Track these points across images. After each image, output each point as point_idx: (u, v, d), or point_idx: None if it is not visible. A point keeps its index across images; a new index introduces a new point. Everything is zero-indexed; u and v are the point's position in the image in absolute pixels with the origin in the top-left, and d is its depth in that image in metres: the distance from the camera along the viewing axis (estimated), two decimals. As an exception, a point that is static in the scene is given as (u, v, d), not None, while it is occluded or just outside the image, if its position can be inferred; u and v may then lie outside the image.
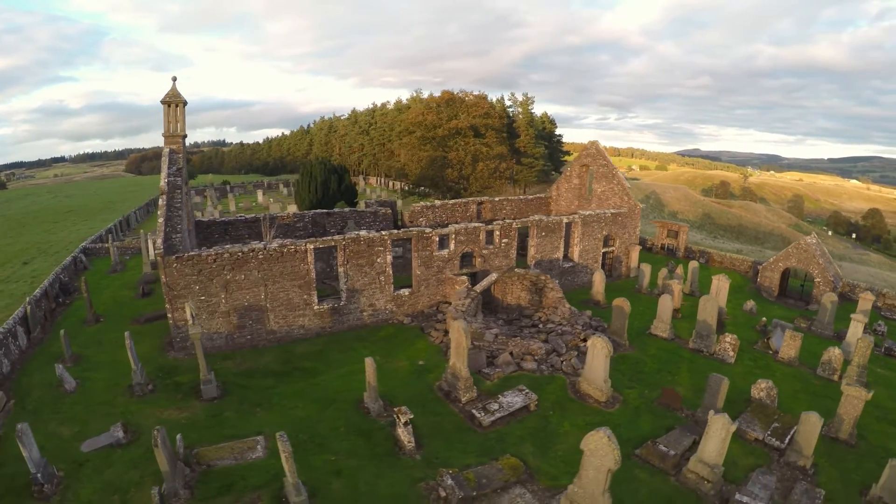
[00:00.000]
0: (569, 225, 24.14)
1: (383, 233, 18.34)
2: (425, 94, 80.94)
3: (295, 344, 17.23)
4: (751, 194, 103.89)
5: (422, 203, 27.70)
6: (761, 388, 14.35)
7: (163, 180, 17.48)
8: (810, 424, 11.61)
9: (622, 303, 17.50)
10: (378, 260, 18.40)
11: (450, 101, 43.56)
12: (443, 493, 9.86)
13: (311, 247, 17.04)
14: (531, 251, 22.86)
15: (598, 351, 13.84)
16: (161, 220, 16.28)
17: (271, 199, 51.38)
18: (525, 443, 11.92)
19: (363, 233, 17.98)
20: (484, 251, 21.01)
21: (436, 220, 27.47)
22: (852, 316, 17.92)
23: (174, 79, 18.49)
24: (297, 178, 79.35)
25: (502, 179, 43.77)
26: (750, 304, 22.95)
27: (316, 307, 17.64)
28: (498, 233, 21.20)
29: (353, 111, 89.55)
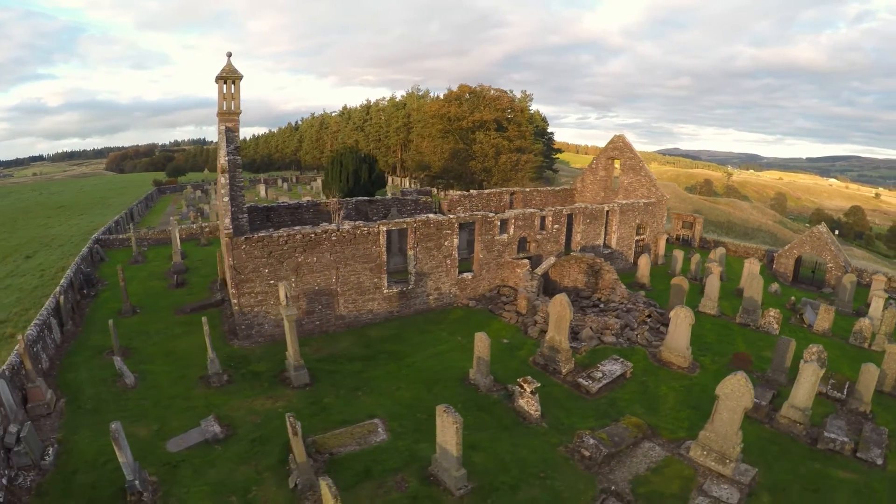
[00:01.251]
0: (608, 213, 25.05)
1: (451, 216, 18.71)
2: (422, 91, 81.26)
3: (366, 328, 17.21)
4: (734, 192, 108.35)
5: (459, 192, 28.14)
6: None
7: (222, 158, 17.08)
8: (869, 374, 13.09)
9: (681, 282, 18.48)
10: (445, 243, 18.72)
11: (471, 94, 44.07)
12: (586, 453, 10.35)
13: (384, 228, 17.20)
14: (577, 237, 23.61)
15: (682, 320, 14.66)
16: (226, 199, 15.94)
17: (275, 193, 50.71)
18: (634, 405, 12.61)
19: (432, 216, 18.29)
20: (538, 236, 21.62)
21: (472, 208, 27.90)
22: (874, 292, 19.52)
23: (229, 55, 17.78)
24: (294, 174, 78.32)
25: (523, 172, 44.82)
26: (774, 286, 24.40)
27: (385, 291, 17.75)
28: (550, 219, 21.85)
29: (345, 107, 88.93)
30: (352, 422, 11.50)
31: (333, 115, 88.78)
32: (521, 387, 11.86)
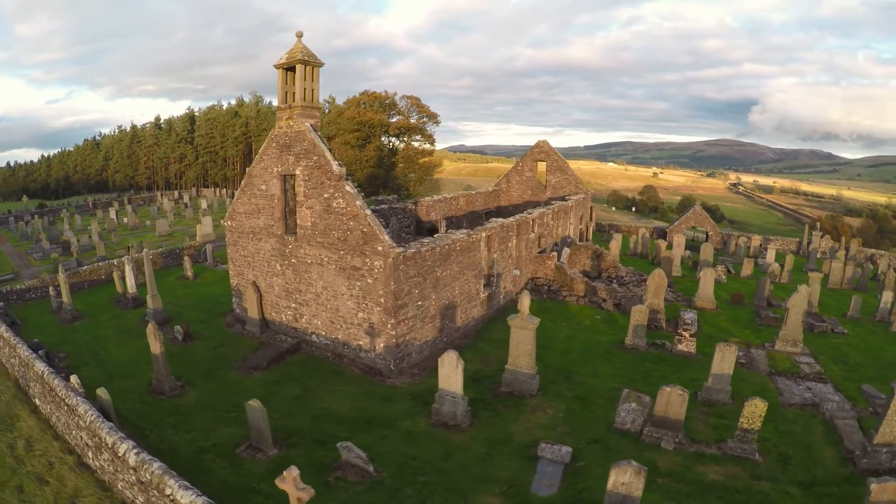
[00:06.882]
0: (570, 208, 30.29)
1: (510, 219, 20.80)
2: (255, 97, 75.23)
3: (482, 333, 17.87)
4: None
5: (431, 199, 29.71)
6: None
7: (333, 164, 14.73)
8: (803, 292, 20.61)
9: (669, 254, 24.66)
10: (510, 244, 20.77)
11: (380, 102, 43.95)
12: (743, 361, 15.11)
13: (485, 235, 18.41)
14: (557, 230, 28.06)
15: (708, 277, 20.38)
16: (367, 211, 14.28)
17: (136, 218, 41.67)
18: (719, 333, 17.72)
19: (503, 220, 20.11)
20: (543, 232, 25.22)
21: (442, 212, 29.89)
22: (771, 246, 29.42)
23: (300, 35, 14.96)
24: (126, 195, 63.19)
25: (434, 176, 46.66)
26: (685, 252, 33.32)
27: (482, 295, 18.84)
28: (550, 217, 25.71)
29: (158, 118, 75.98)
30: (615, 398, 12.51)
31: (146, 128, 74.83)
32: (681, 335, 15.58)
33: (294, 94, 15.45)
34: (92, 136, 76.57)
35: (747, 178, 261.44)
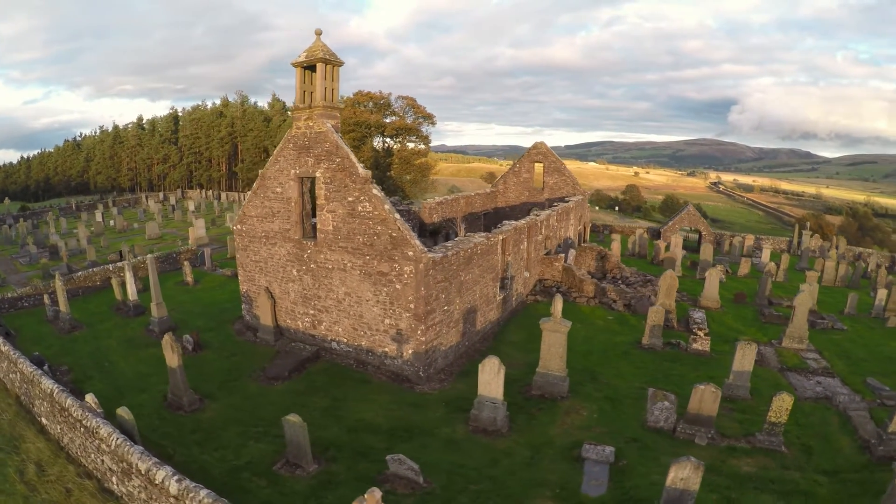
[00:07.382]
0: (571, 209, 30.68)
1: (522, 221, 21.04)
2: (241, 98, 74.01)
3: (502, 336, 18.04)
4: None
5: (433, 200, 29.77)
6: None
7: (358, 166, 14.50)
8: (806, 291, 21.56)
9: (670, 254, 25.21)
10: (522, 247, 20.99)
11: (374, 102, 43.58)
12: (756, 358, 14.96)
13: (501, 237, 18.56)
14: (560, 232, 28.43)
15: (714, 277, 20.98)
16: (396, 216, 14.10)
17: (125, 221, 40.63)
18: (729, 332, 18.29)
19: (515, 223, 20.34)
20: (549, 234, 25.54)
21: (443, 214, 29.98)
22: (763, 245, 30.30)
23: (319, 32, 14.81)
24: (110, 197, 61.38)
25: (428, 177, 46.64)
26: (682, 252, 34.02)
27: (498, 298, 18.90)
28: (555, 219, 26.04)
29: (140, 118, 74.20)
30: (641, 397, 13.05)
31: (128, 129, 73.00)
32: (696, 334, 16.02)
33: (312, 93, 15.33)
34: (72, 137, 74.80)
35: (727, 178, 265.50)
